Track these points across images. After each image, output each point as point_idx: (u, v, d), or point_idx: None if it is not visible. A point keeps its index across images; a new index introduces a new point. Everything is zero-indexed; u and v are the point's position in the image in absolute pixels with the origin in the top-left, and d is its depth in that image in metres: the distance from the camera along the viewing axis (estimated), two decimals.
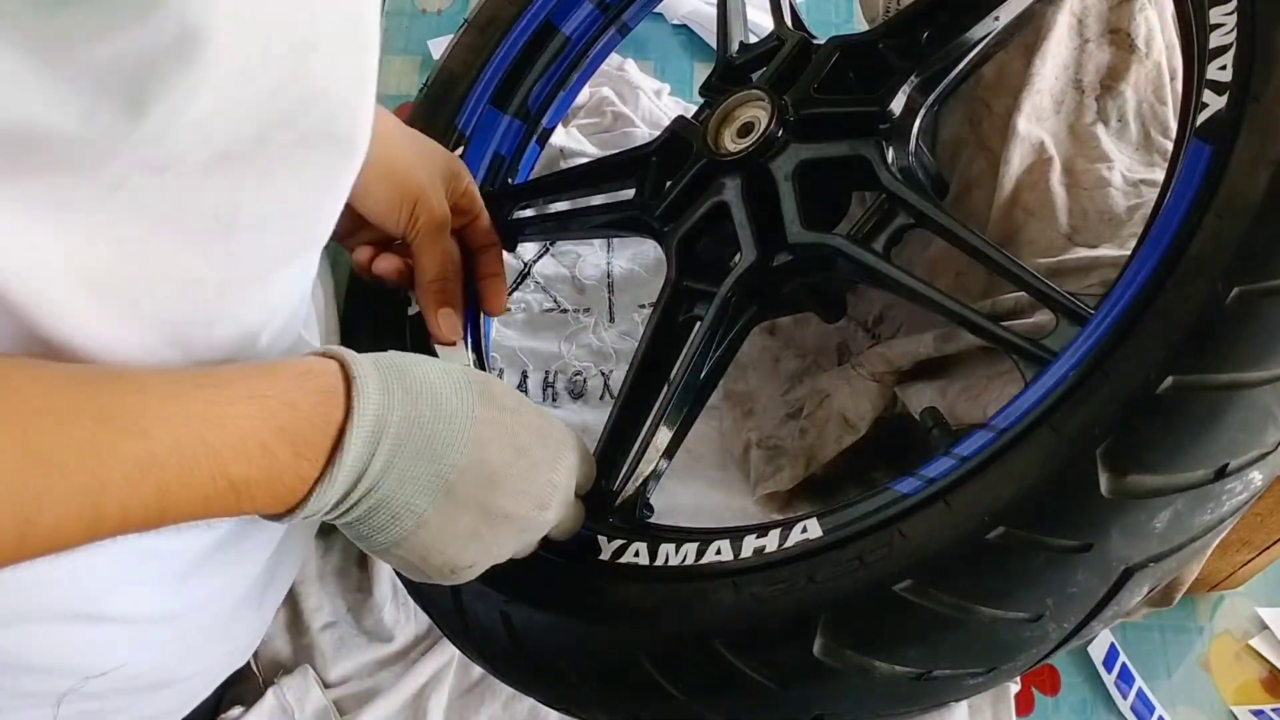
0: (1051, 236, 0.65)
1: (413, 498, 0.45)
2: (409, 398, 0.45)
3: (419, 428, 0.44)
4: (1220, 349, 0.42)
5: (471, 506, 0.46)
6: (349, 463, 0.42)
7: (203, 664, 0.62)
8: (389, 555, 0.48)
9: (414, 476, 0.45)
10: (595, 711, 0.53)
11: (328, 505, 0.43)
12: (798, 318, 0.81)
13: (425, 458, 0.45)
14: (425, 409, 0.45)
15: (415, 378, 0.46)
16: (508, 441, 0.47)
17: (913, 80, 0.61)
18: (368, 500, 0.44)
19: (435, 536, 0.46)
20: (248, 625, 0.66)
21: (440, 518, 0.46)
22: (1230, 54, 0.48)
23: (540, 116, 0.82)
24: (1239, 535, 0.70)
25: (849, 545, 0.48)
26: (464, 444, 0.46)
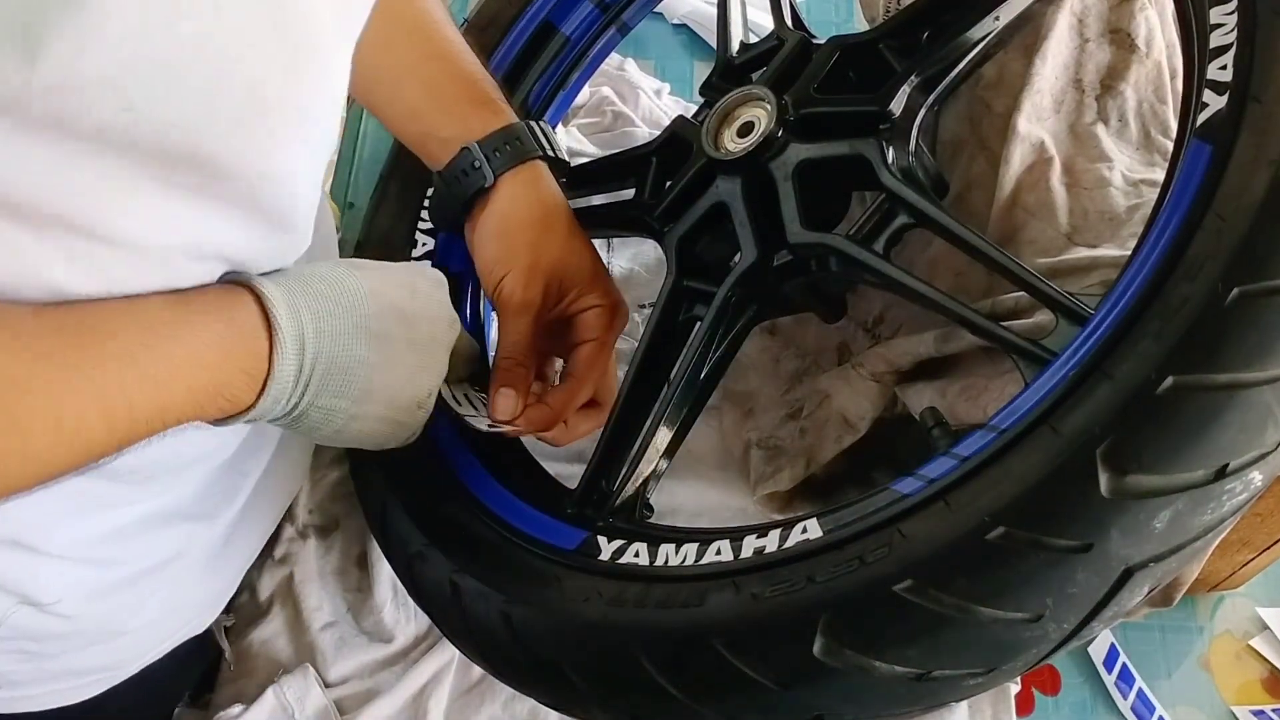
0: (1051, 236, 0.65)
1: (354, 348, 0.50)
2: (298, 280, 0.50)
3: (324, 296, 0.50)
4: (1220, 349, 0.42)
5: (400, 342, 0.52)
6: (285, 327, 0.47)
7: (144, 620, 0.63)
8: (359, 420, 0.52)
9: (344, 331, 0.50)
10: (595, 711, 0.53)
11: (290, 375, 0.48)
12: (798, 318, 0.81)
13: (342, 315, 0.50)
14: (318, 284, 0.50)
15: (294, 272, 0.51)
16: (396, 286, 0.54)
17: (913, 80, 0.61)
18: (320, 363, 0.49)
19: (390, 377, 0.52)
20: (198, 589, 0.67)
21: (386, 358, 0.52)
22: (1230, 54, 0.48)
23: (540, 116, 0.82)
24: (1239, 535, 0.70)
25: (849, 545, 0.48)
26: (364, 297, 0.51)
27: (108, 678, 0.64)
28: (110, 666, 0.64)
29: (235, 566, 0.71)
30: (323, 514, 0.80)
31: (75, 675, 0.62)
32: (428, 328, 0.54)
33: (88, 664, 0.62)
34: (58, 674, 0.61)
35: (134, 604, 0.61)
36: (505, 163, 0.65)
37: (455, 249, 0.73)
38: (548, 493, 0.65)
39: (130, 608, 0.61)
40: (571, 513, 0.61)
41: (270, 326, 0.47)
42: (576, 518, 0.60)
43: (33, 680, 0.60)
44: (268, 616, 0.76)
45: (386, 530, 0.66)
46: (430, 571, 0.61)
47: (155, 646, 0.66)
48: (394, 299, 0.53)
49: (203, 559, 0.65)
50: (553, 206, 0.66)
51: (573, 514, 0.61)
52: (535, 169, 0.66)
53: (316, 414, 0.50)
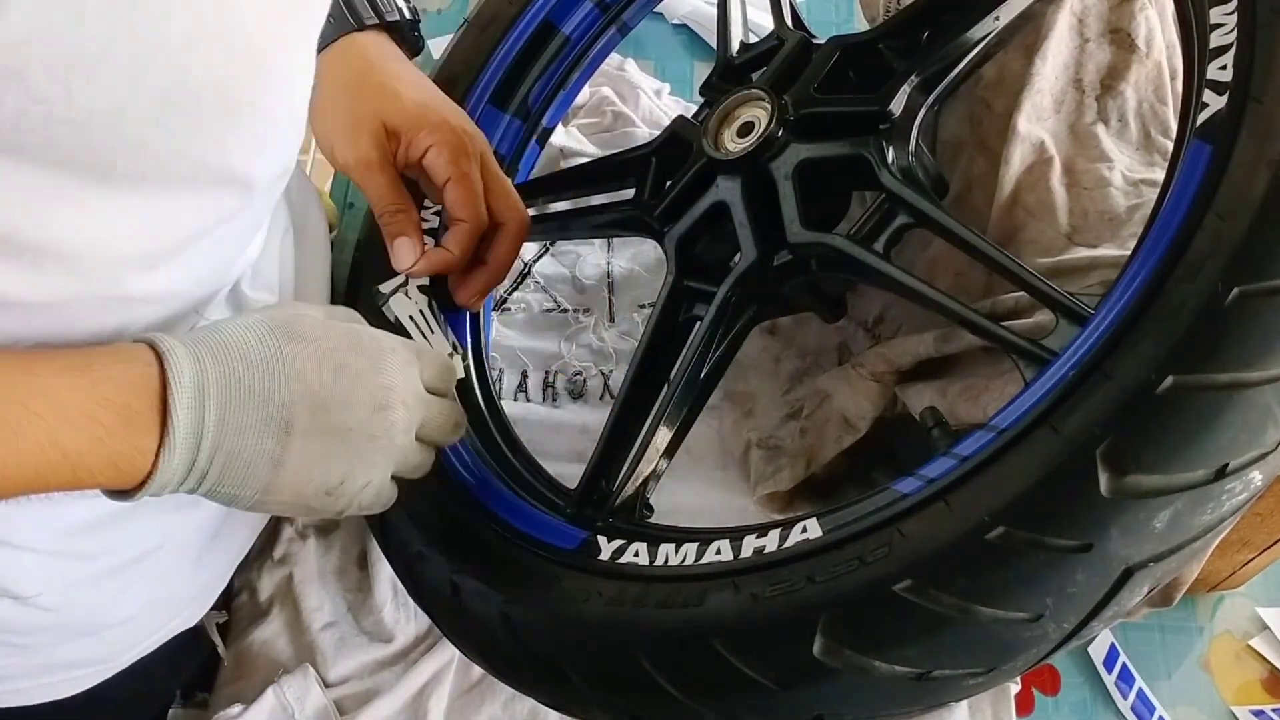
0: (1051, 236, 0.65)
1: (258, 443, 0.47)
2: (218, 358, 0.46)
3: (236, 381, 0.46)
4: (1220, 349, 0.42)
5: (314, 433, 0.49)
6: (182, 425, 0.44)
7: (128, 611, 0.63)
8: (266, 505, 0.50)
9: (250, 424, 0.46)
10: (595, 711, 0.53)
11: (177, 474, 0.45)
12: (798, 318, 0.81)
13: (252, 405, 0.47)
14: (236, 364, 0.47)
15: (219, 340, 0.47)
16: (324, 366, 0.49)
17: (913, 80, 0.61)
18: (218, 459, 0.46)
19: (294, 471, 0.48)
20: (183, 581, 0.67)
21: (291, 453, 0.48)
22: (1230, 54, 0.48)
23: (540, 116, 0.82)
24: (1239, 535, 0.70)
25: (849, 545, 0.48)
26: (283, 382, 0.48)
27: (98, 671, 0.64)
28: (100, 659, 0.64)
29: (224, 560, 0.71)
30: None
31: (64, 668, 0.62)
32: (344, 415, 0.50)
33: (76, 656, 0.62)
34: (47, 667, 0.61)
35: (117, 596, 0.61)
36: (327, 35, 0.64)
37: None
38: (547, 493, 0.65)
39: (114, 599, 0.61)
40: (571, 513, 0.61)
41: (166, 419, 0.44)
42: (576, 518, 0.60)
43: (21, 674, 0.60)
44: (267, 617, 0.76)
45: (386, 530, 0.66)
46: (430, 571, 0.61)
47: (145, 639, 0.66)
48: (314, 382, 0.49)
49: (187, 551, 0.64)
50: (362, 68, 0.65)
51: (573, 514, 0.61)
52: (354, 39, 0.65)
53: (219, 496, 0.48)
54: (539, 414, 0.83)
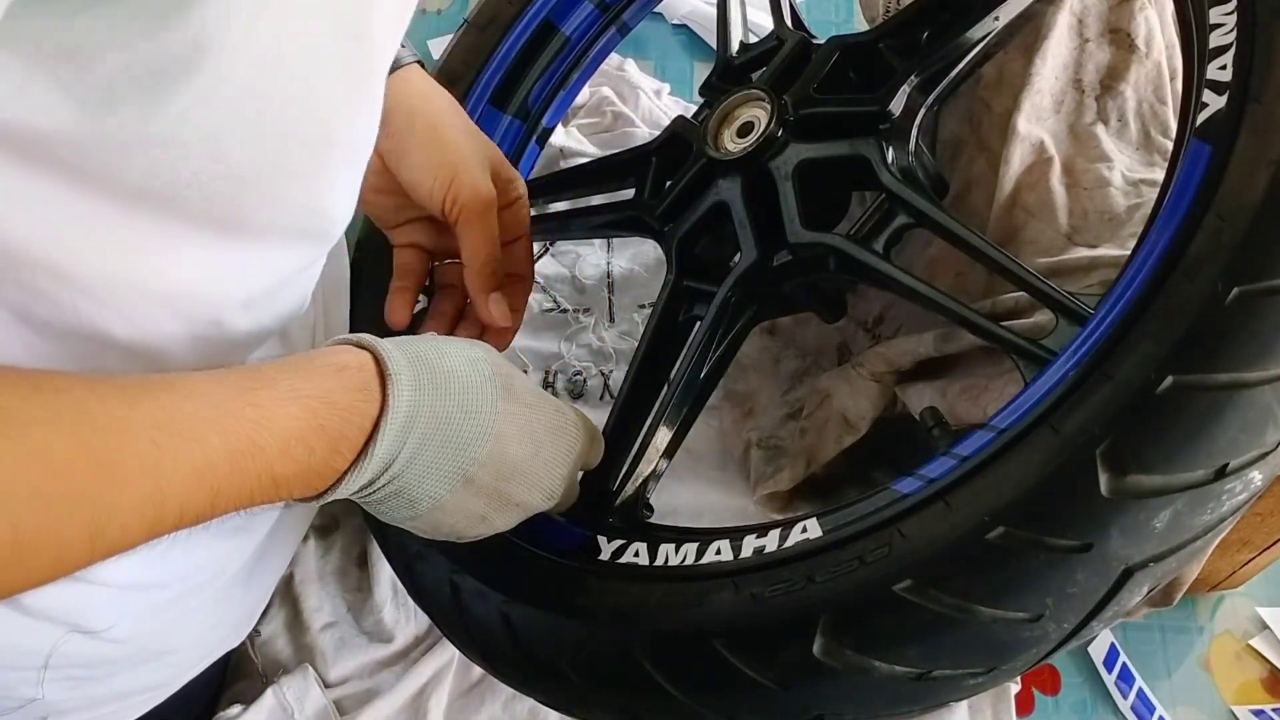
0: (1051, 236, 0.65)
1: (433, 488, 0.47)
2: (438, 393, 0.46)
3: (446, 423, 0.46)
4: (1220, 349, 0.42)
5: (485, 494, 0.49)
6: (379, 456, 0.44)
7: (189, 637, 0.63)
8: (398, 525, 0.50)
9: (437, 468, 0.46)
10: (595, 711, 0.53)
11: (351, 492, 0.45)
12: (798, 318, 0.81)
13: (449, 452, 0.46)
14: (453, 405, 0.46)
15: (444, 370, 0.47)
16: (526, 437, 0.49)
17: (913, 80, 0.61)
18: (390, 487, 0.46)
19: (447, 515, 0.49)
20: (237, 603, 0.67)
21: (455, 502, 0.48)
22: (1230, 54, 0.48)
23: (540, 116, 0.82)
24: (1239, 535, 0.70)
25: (849, 545, 0.48)
26: (486, 439, 0.47)
27: (152, 697, 0.64)
28: (155, 686, 0.64)
29: (270, 579, 0.71)
30: (322, 514, 0.80)
31: (121, 698, 0.62)
32: (523, 494, 0.50)
33: (134, 685, 0.62)
34: (104, 698, 0.60)
35: (180, 623, 0.60)
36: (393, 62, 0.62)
37: None
38: None
39: (176, 627, 0.60)
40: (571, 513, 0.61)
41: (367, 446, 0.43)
42: (576, 518, 0.60)
43: (81, 706, 0.59)
44: (268, 617, 0.76)
45: (386, 530, 0.66)
46: (430, 571, 0.61)
47: (198, 663, 0.66)
48: (512, 450, 0.49)
49: (241, 573, 0.64)
50: (454, 101, 0.64)
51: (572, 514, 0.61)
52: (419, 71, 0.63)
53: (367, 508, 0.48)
54: None
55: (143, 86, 0.33)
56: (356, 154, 0.46)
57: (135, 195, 0.38)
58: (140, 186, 0.37)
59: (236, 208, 0.41)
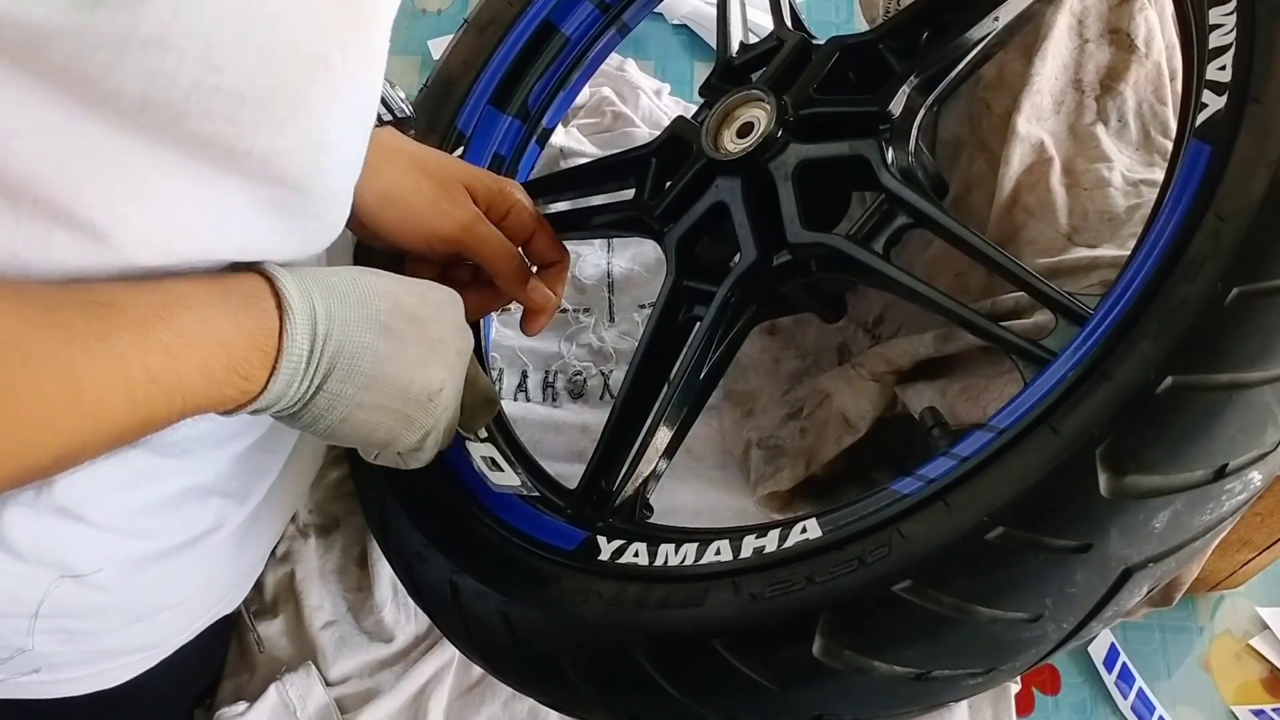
0: (1051, 236, 0.65)
1: (361, 335, 0.50)
2: (310, 272, 0.50)
3: (335, 287, 0.50)
4: (1220, 349, 0.42)
5: (411, 339, 0.52)
6: (296, 306, 0.47)
7: (180, 595, 0.64)
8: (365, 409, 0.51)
9: (354, 319, 0.50)
10: (595, 711, 0.53)
11: (302, 354, 0.48)
12: (798, 318, 0.81)
13: (354, 303, 0.50)
14: (330, 277, 0.50)
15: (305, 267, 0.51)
16: (410, 291, 0.54)
17: (913, 80, 0.61)
18: (329, 345, 0.49)
19: (397, 366, 0.51)
20: (228, 565, 0.68)
21: (392, 349, 0.51)
22: (1230, 54, 0.48)
23: (540, 116, 0.82)
24: (1239, 535, 0.70)
25: (849, 545, 0.48)
26: (377, 294, 0.51)
27: (147, 658, 0.65)
28: (149, 645, 0.64)
29: (262, 545, 0.72)
30: (323, 514, 0.80)
31: (115, 655, 0.63)
32: (437, 329, 0.54)
33: (128, 643, 0.63)
34: (98, 654, 0.61)
35: (172, 578, 0.62)
36: None
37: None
38: (547, 493, 0.65)
39: (168, 581, 0.62)
40: (571, 513, 0.61)
41: (281, 306, 0.47)
42: (576, 518, 0.61)
43: (74, 662, 0.60)
44: (271, 614, 0.76)
45: (386, 530, 0.66)
46: (430, 571, 0.61)
47: (192, 624, 0.67)
48: (405, 301, 0.53)
49: (234, 536, 0.66)
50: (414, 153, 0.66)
51: (572, 514, 0.61)
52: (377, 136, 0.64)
53: (323, 400, 0.50)
54: (539, 414, 0.83)
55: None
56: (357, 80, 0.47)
57: (136, 109, 0.38)
58: (141, 97, 0.38)
59: (236, 129, 0.41)
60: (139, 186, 0.41)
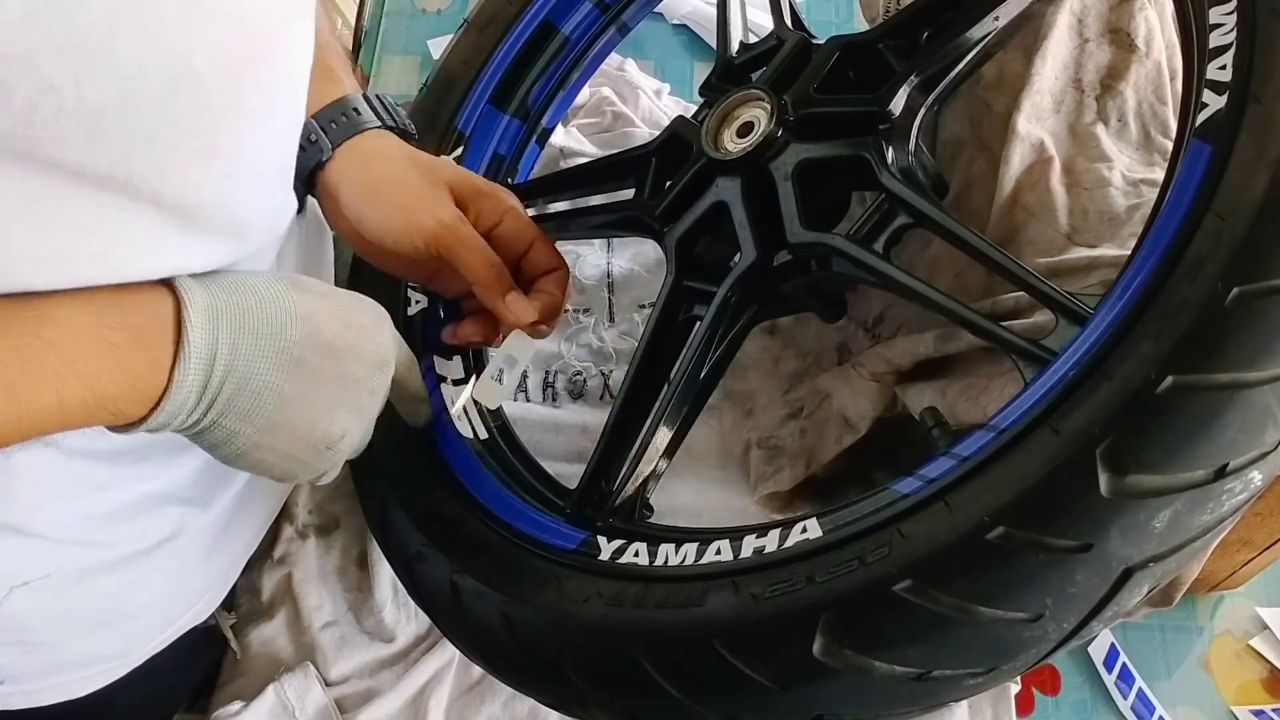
0: (1051, 236, 0.65)
1: (268, 373, 0.47)
2: (229, 290, 0.47)
3: (250, 313, 0.47)
4: (1220, 349, 0.42)
5: (322, 377, 0.49)
6: (197, 340, 0.44)
7: (144, 602, 0.63)
8: (261, 450, 0.49)
9: (262, 353, 0.47)
10: (595, 712, 0.53)
11: (191, 394, 0.45)
12: (798, 318, 0.81)
13: (266, 335, 0.47)
14: (249, 298, 0.47)
15: (230, 279, 0.48)
16: (332, 315, 0.51)
17: (913, 80, 0.61)
18: (229, 383, 0.46)
19: (300, 411, 0.49)
20: (195, 574, 0.67)
21: (299, 390, 0.48)
22: (1230, 54, 0.48)
23: (540, 116, 0.82)
24: (1239, 535, 0.70)
25: (849, 545, 0.48)
26: (295, 321, 0.48)
27: (113, 668, 0.64)
28: (113, 655, 0.64)
29: (235, 552, 0.71)
30: (322, 514, 0.80)
31: (79, 666, 0.62)
32: (354, 366, 0.51)
33: (90, 652, 0.62)
34: (61, 665, 0.61)
35: (131, 585, 0.61)
36: (343, 134, 0.63)
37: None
38: (547, 493, 0.65)
39: (128, 589, 0.61)
40: (571, 513, 0.61)
41: (180, 337, 0.44)
42: (576, 518, 0.61)
43: (36, 673, 0.60)
44: (268, 616, 0.76)
45: (386, 530, 0.66)
46: (430, 571, 0.61)
47: (158, 634, 0.66)
48: (324, 328, 0.50)
49: (200, 543, 0.65)
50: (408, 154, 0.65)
51: (572, 514, 0.61)
52: (376, 137, 0.64)
53: (218, 433, 0.48)
54: (539, 414, 0.83)
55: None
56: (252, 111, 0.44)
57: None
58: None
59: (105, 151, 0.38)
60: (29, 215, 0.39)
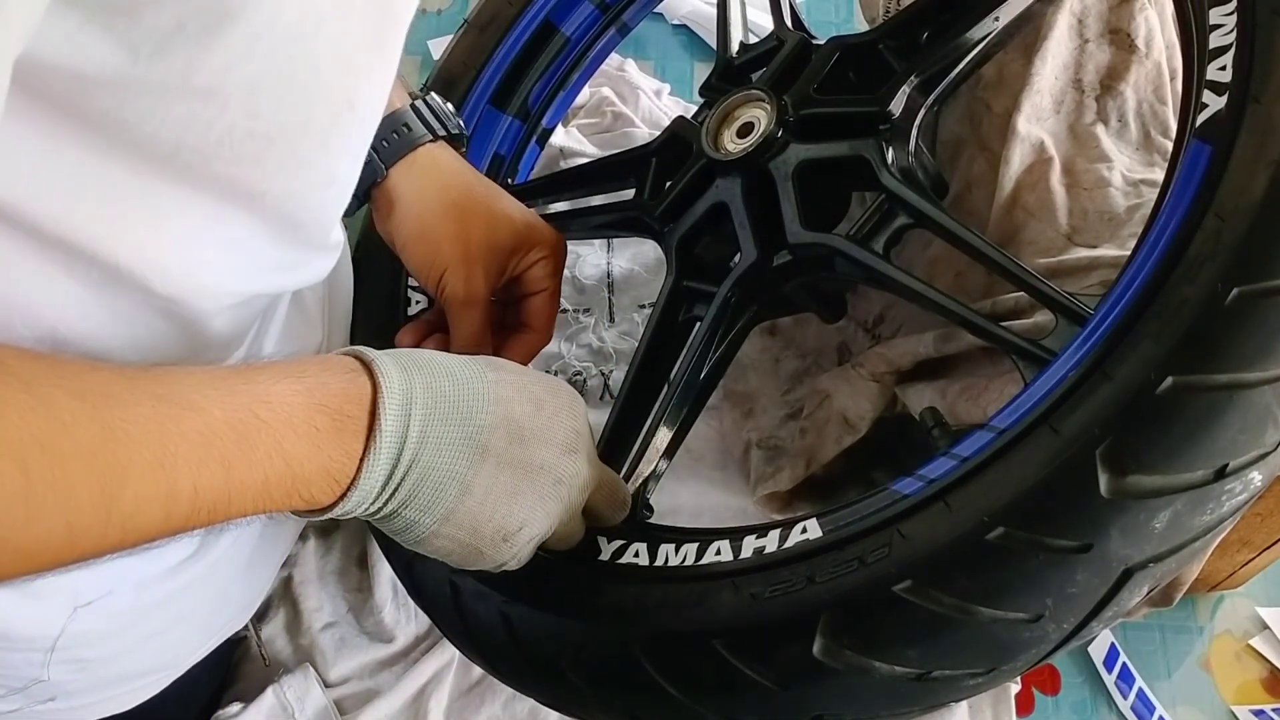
0: (1051, 236, 0.65)
1: (452, 463, 0.46)
2: (425, 372, 0.46)
3: (442, 396, 0.46)
4: (1220, 349, 0.42)
5: (507, 463, 0.47)
6: (388, 430, 0.43)
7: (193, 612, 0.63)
8: (439, 539, 0.48)
9: (449, 441, 0.46)
10: (595, 712, 0.53)
11: (376, 485, 0.44)
12: (798, 318, 0.81)
13: (455, 421, 0.46)
14: (443, 380, 0.46)
15: (426, 357, 0.48)
16: (525, 397, 0.49)
17: (913, 80, 0.61)
18: (412, 474, 0.45)
19: (480, 501, 0.47)
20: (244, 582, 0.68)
21: (481, 480, 0.47)
22: (1230, 54, 0.48)
23: (540, 116, 0.82)
24: (1239, 535, 0.70)
25: (849, 546, 0.48)
26: (487, 404, 0.47)
27: (159, 680, 0.64)
28: (161, 667, 0.64)
29: (273, 562, 0.72)
30: None
31: (128, 680, 0.62)
32: (541, 451, 0.48)
33: (139, 667, 0.62)
34: (110, 680, 0.61)
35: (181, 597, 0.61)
36: (395, 152, 0.64)
37: None
38: None
39: (178, 602, 0.61)
40: None
41: (373, 425, 0.43)
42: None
43: (88, 689, 0.60)
44: (268, 617, 0.76)
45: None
46: (430, 572, 0.61)
47: (203, 644, 0.67)
48: (516, 413, 0.48)
49: (243, 553, 0.65)
50: (462, 186, 0.65)
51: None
52: (430, 153, 0.65)
53: (399, 522, 0.47)
54: None
55: (192, 35, 0.35)
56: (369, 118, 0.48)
57: (167, 155, 0.39)
58: (175, 143, 0.38)
59: (261, 170, 0.42)
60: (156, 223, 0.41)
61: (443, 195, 0.64)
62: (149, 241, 0.42)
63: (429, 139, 0.65)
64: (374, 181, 0.63)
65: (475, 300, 0.63)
